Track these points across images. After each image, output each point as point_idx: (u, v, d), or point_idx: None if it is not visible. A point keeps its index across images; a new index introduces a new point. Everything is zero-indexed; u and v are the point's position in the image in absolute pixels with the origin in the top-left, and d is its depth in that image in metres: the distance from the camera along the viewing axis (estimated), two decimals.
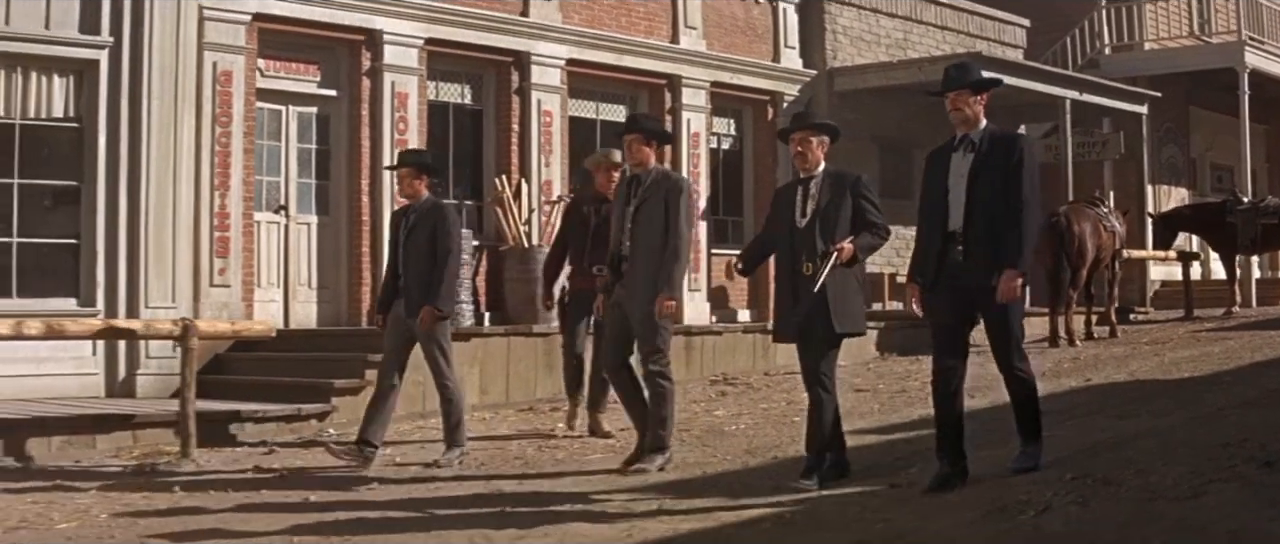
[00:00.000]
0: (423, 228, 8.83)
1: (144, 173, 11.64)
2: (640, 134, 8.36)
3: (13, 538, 7.04)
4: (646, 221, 8.13)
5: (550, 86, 14.54)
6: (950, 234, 6.94)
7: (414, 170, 9.03)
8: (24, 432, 9.44)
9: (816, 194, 7.52)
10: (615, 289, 8.26)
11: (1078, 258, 15.39)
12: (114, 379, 11.53)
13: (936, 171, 7.11)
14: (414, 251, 8.83)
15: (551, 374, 12.06)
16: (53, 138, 11.62)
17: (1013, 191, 6.81)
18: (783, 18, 16.86)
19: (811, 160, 7.59)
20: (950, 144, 7.09)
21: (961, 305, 6.97)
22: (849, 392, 12.25)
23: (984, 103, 7.06)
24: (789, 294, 7.59)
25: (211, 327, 10.04)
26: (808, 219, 7.50)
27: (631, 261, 8.15)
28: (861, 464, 8.18)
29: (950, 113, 7.06)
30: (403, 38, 13.41)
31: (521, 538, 6.53)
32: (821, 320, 7.41)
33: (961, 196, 6.90)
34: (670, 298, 8.13)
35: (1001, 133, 7.10)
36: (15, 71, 11.36)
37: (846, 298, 7.51)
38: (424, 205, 8.98)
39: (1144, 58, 21.04)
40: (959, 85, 7.03)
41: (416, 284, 8.78)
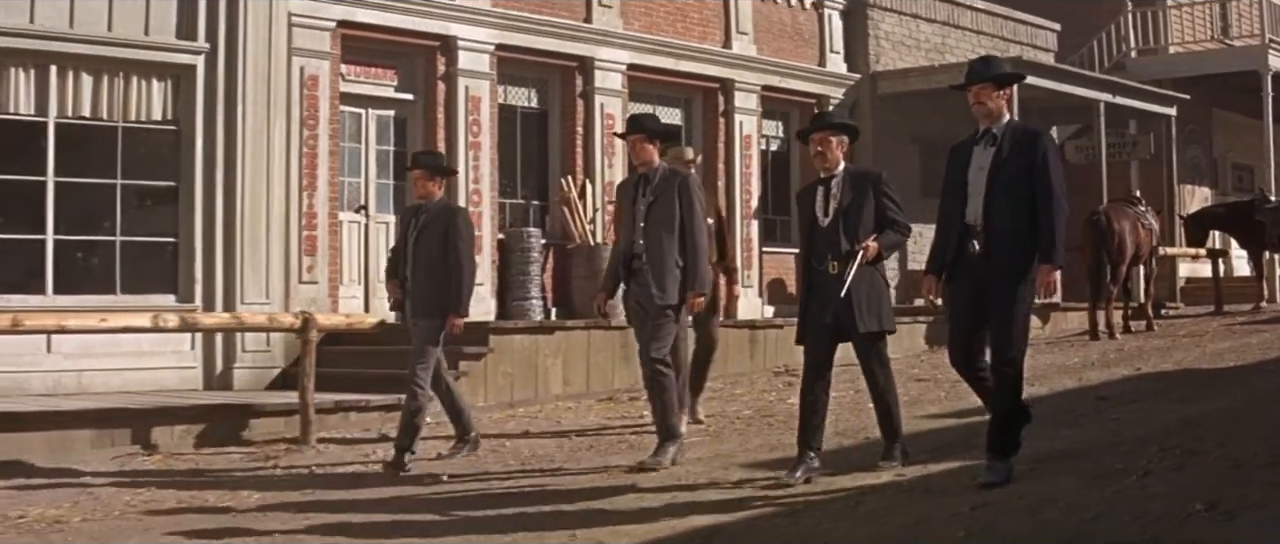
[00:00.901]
0: (434, 229, 8.84)
1: (239, 174, 12.15)
2: (644, 134, 8.41)
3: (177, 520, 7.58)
4: (658, 219, 8.22)
5: (612, 90, 15.07)
6: (968, 226, 6.96)
7: (428, 172, 9.05)
8: (151, 421, 9.96)
9: (838, 193, 7.56)
10: (632, 287, 8.32)
11: (1118, 255, 15.90)
12: (211, 372, 12.03)
13: (957, 165, 7.14)
14: (423, 252, 8.84)
15: (628, 366, 12.57)
16: (152, 140, 12.12)
17: (1043, 190, 6.82)
18: (828, 23, 17.41)
19: (831, 160, 7.63)
20: (972, 138, 7.13)
21: (980, 298, 6.98)
22: (911, 382, 12.78)
23: (1006, 97, 7.13)
24: (812, 293, 7.62)
25: (329, 320, 10.55)
26: (830, 218, 7.55)
27: (647, 260, 8.21)
28: (943, 442, 8.73)
29: (973, 106, 7.10)
30: (476, 44, 13.94)
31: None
32: (849, 320, 7.46)
33: (981, 189, 6.92)
34: (700, 294, 8.27)
35: (1024, 127, 7.15)
36: (117, 76, 11.88)
37: (873, 296, 7.55)
38: (436, 206, 9.00)
39: (1169, 61, 21.60)
40: (982, 79, 7.07)
41: (424, 284, 8.80)
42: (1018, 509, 6.40)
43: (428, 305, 8.79)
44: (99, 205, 11.80)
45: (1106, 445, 8.25)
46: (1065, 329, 17.50)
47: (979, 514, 6.28)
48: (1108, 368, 13.34)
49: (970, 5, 19.04)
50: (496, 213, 14.17)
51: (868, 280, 7.49)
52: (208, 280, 12.07)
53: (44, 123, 11.53)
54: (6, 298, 11.17)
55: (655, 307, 8.16)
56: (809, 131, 7.82)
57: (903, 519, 6.39)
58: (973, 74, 7.11)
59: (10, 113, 11.41)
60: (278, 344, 12.24)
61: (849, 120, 8.23)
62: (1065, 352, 15.05)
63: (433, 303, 8.77)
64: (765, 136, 16.98)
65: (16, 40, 11.30)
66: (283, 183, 12.41)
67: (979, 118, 7.09)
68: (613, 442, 9.92)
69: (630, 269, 8.30)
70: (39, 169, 11.45)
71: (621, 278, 8.41)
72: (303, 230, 12.62)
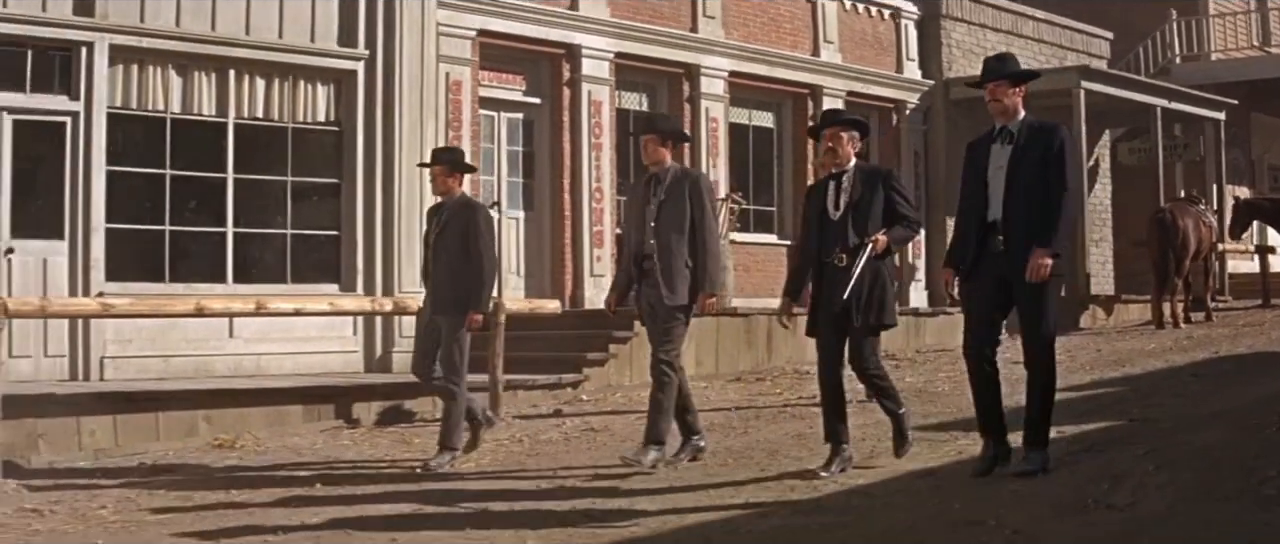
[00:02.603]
0: (454, 226, 8.84)
1: (396, 172, 13.08)
2: (657, 134, 8.40)
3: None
4: (668, 219, 8.18)
5: (716, 95, 16.05)
6: (990, 224, 6.99)
7: (447, 168, 9.03)
8: (350, 397, 10.94)
9: (849, 188, 7.60)
10: (642, 288, 8.32)
11: (1182, 249, 16.96)
12: (372, 356, 12.96)
13: (976, 163, 7.15)
14: (445, 250, 8.83)
15: (751, 350, 13.60)
16: (317, 140, 13.06)
17: (1056, 179, 6.87)
18: (905, 33, 18.41)
19: (842, 155, 7.69)
20: (990, 135, 7.15)
21: (999, 294, 7.02)
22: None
23: (1021, 94, 7.11)
24: (820, 286, 7.65)
25: (517, 304, 11.48)
26: (840, 212, 7.59)
27: (657, 260, 8.18)
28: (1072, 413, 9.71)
29: (989, 104, 7.14)
30: (597, 52, 14.91)
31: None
32: (854, 313, 7.51)
33: (1001, 187, 6.95)
34: (711, 295, 8.27)
35: (1040, 124, 7.11)
36: (287, 80, 12.81)
37: (877, 290, 7.58)
38: (456, 204, 8.97)
39: (1210, 67, 22.69)
40: (997, 76, 7.09)
41: (446, 282, 8.78)
42: (1192, 452, 7.42)
43: (449, 303, 8.76)
44: (271, 200, 12.74)
45: (1228, 409, 9.26)
46: (1127, 320, 18.53)
47: (1174, 454, 7.30)
48: (1187, 352, 14.36)
49: (1031, 15, 20.06)
50: (615, 210, 15.14)
51: (873, 274, 7.54)
52: (368, 270, 13.00)
53: (224, 123, 12.47)
54: (193, 286, 12.10)
55: (665, 307, 8.17)
56: (820, 128, 7.92)
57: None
58: (988, 72, 7.17)
59: (195, 114, 12.34)
60: None
61: (859, 117, 8.21)
62: (1139, 339, 16.06)
63: (455, 300, 8.74)
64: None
65: (200, 46, 12.23)
66: None
67: (995, 115, 7.14)
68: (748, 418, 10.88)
69: (641, 270, 8.29)
70: (220, 167, 12.37)
71: (633, 278, 8.40)
72: None
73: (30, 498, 7.93)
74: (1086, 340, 16.12)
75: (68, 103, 11.60)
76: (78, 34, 11.57)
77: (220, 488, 8.15)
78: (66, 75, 11.62)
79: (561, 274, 14.62)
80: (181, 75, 12.23)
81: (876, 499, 7.06)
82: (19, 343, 11.11)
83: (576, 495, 7.56)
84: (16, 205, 11.38)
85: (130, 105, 11.98)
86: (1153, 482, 6.70)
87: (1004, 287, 6.97)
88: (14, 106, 11.40)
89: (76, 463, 9.29)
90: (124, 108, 11.92)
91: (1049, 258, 6.80)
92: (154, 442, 9.88)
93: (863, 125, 7.99)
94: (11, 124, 11.39)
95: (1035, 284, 6.86)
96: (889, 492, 7.25)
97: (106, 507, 7.65)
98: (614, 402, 11.85)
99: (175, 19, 12.10)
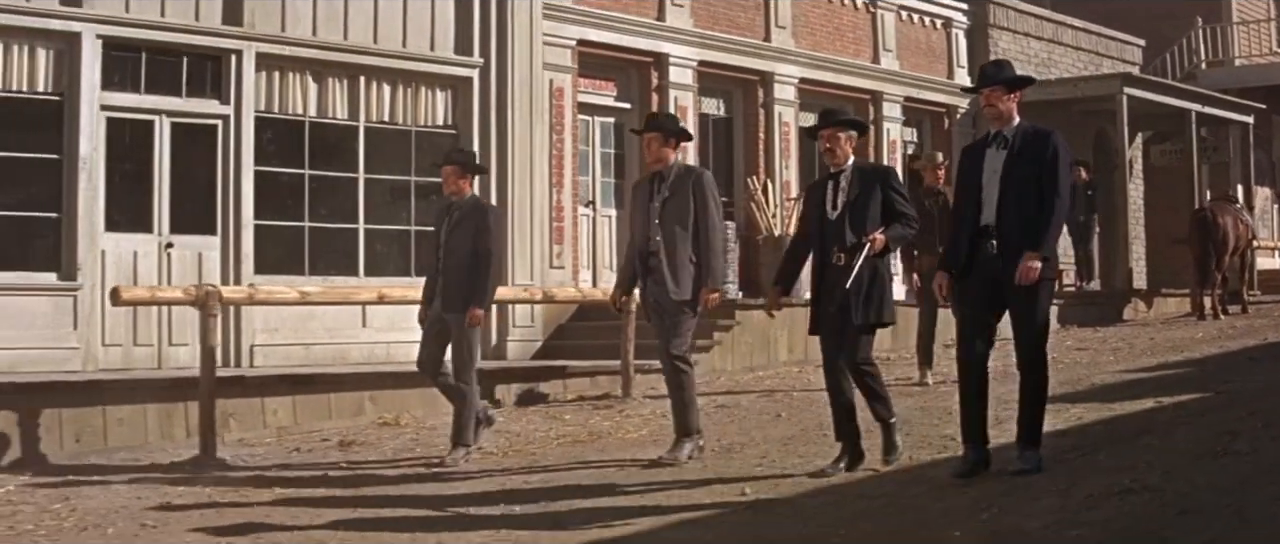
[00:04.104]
0: (465, 226, 8.95)
1: (509, 173, 14.00)
2: (660, 132, 8.44)
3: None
4: (673, 216, 8.27)
5: (788, 101, 17.01)
6: (983, 228, 7.01)
7: (459, 168, 9.16)
8: (493, 380, 11.83)
9: (847, 187, 7.64)
10: (648, 284, 8.38)
11: (1222, 246, 18.01)
12: (487, 344, 13.84)
13: (971, 167, 7.16)
14: (454, 249, 8.94)
15: None
16: (436, 142, 13.93)
17: (1048, 184, 6.88)
18: (955, 41, 19.44)
19: (841, 155, 7.72)
20: (984, 140, 7.21)
21: (992, 297, 7.03)
22: (1073, 351, 14.82)
23: (1017, 100, 7.14)
24: (820, 285, 7.68)
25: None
26: (838, 211, 7.62)
27: (662, 257, 8.27)
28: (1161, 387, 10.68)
29: (984, 108, 7.21)
30: (682, 60, 15.87)
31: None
32: (850, 311, 7.53)
33: (995, 191, 6.96)
34: (714, 291, 8.28)
35: (1035, 129, 7.12)
36: (410, 85, 13.74)
37: (875, 288, 7.58)
38: (467, 204, 9.10)
39: (1234, 72, 23.75)
40: (993, 82, 7.13)
41: (455, 281, 8.89)
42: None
43: (459, 302, 8.88)
44: (396, 199, 13.64)
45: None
46: (1165, 312, 19.56)
47: (1272, 415, 8.28)
48: (1237, 339, 15.39)
49: (1070, 25, 21.12)
50: None
51: (871, 273, 7.55)
52: None
53: (355, 126, 13.38)
54: (329, 278, 12.99)
55: (671, 303, 8.26)
56: (819, 127, 7.92)
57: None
58: (985, 78, 7.21)
59: (330, 118, 13.24)
60: (539, 319, 14.12)
61: (857, 116, 8.30)
62: (1185, 329, 17.07)
63: (465, 299, 8.87)
64: (906, 142, 18.96)
65: (334, 53, 13.14)
66: (541, 181, 14.29)
67: (990, 120, 7.19)
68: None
69: (646, 266, 8.38)
70: (352, 167, 13.27)
71: (637, 274, 8.48)
72: (552, 222, 14.50)
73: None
74: (1135, 330, 17.13)
75: (219, 106, 12.49)
76: (227, 42, 12.46)
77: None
78: (217, 81, 12.50)
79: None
80: (317, 82, 13.14)
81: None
82: (178, 332, 12.06)
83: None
84: (174, 203, 12.26)
85: (273, 109, 12.87)
86: (1265, 435, 7.70)
87: (997, 290, 6.99)
88: (171, 110, 12.28)
89: (263, 440, 10.22)
90: (267, 111, 12.81)
91: (1038, 261, 6.84)
92: (327, 420, 10.79)
93: (861, 125, 8.09)
94: (169, 126, 12.27)
95: (1026, 287, 6.89)
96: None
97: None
98: (723, 383, 12.77)
99: (312, 28, 13.00)
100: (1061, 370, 13.04)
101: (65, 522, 7.48)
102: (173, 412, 10.13)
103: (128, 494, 8.20)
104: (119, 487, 8.45)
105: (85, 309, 11.63)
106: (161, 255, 12.15)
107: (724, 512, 7.10)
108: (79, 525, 7.39)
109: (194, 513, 7.53)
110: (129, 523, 7.36)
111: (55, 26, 11.61)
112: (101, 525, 7.34)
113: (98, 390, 9.92)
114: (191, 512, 7.57)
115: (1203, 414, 9.08)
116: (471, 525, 7.03)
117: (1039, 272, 6.86)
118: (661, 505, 7.22)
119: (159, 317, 11.95)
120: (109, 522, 7.41)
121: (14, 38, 11.48)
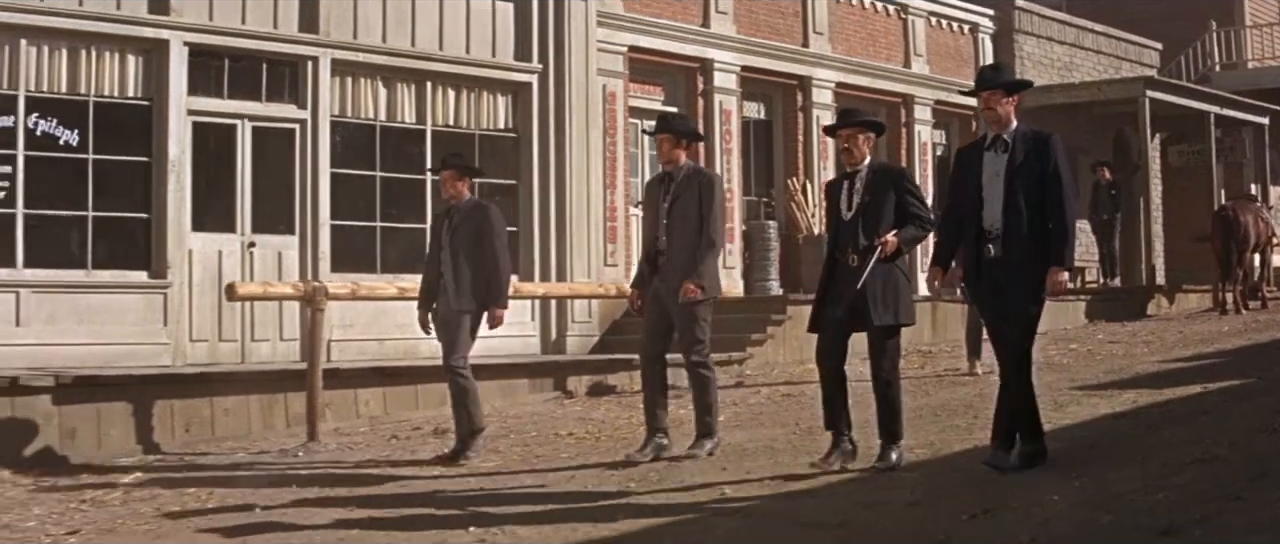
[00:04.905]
0: (466, 228, 9.06)
1: (567, 175, 14.56)
2: (671, 134, 8.54)
3: None
4: (681, 216, 8.32)
5: (825, 104, 17.56)
6: (985, 231, 7.03)
7: (456, 172, 9.24)
8: (565, 372, 12.49)
9: (862, 188, 7.64)
10: (654, 282, 8.46)
11: (1244, 243, 18.60)
12: (547, 339, 14.40)
13: (968, 170, 7.18)
14: (457, 251, 9.03)
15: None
16: (498, 145, 14.52)
17: (1053, 190, 6.91)
18: (981, 45, 20.03)
19: (858, 155, 7.73)
20: (981, 143, 7.21)
21: (1000, 303, 7.09)
22: (1106, 345, 15.40)
23: (1015, 104, 7.14)
24: (829, 285, 7.65)
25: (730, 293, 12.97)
26: (853, 212, 7.62)
27: (668, 255, 8.36)
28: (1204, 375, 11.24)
29: (983, 112, 7.19)
30: (726, 65, 16.45)
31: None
32: (865, 314, 7.47)
33: (997, 195, 6.98)
34: (698, 285, 8.21)
35: (1035, 133, 7.13)
36: (473, 91, 14.31)
37: (890, 289, 7.54)
38: (467, 206, 9.19)
39: (1247, 74, 24.34)
40: (992, 85, 7.12)
41: (459, 282, 8.98)
42: None
43: (469, 301, 9.02)
44: None
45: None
46: (1185, 308, 20.13)
47: None
48: (1263, 332, 15.98)
49: (1091, 29, 21.74)
50: (744, 209, 16.65)
51: (885, 274, 7.52)
52: (543, 262, 14.46)
53: (423, 130, 13.94)
54: (399, 276, 13.48)
55: (676, 306, 8.30)
56: (836, 127, 7.94)
57: None
58: (983, 81, 7.20)
59: (398, 121, 13.80)
60: (596, 314, 14.67)
61: (874, 118, 8.22)
62: (1209, 323, 17.61)
63: (469, 298, 9.02)
64: (936, 145, 19.55)
65: (402, 60, 13.70)
66: (597, 182, 14.85)
67: (988, 123, 7.20)
68: None
69: (655, 266, 8.48)
70: (419, 169, 13.80)
71: (648, 274, 8.56)
72: (607, 222, 15.06)
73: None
74: (1162, 325, 17.68)
75: (296, 111, 13.04)
76: (304, 49, 13.01)
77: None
78: (295, 86, 13.06)
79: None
80: (387, 87, 13.69)
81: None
82: (260, 328, 12.61)
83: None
84: (255, 204, 12.80)
85: (346, 114, 13.43)
86: None
87: (998, 291, 7.06)
88: (252, 114, 12.83)
89: (358, 429, 10.76)
90: (341, 116, 13.37)
91: (1064, 275, 6.96)
92: (414, 410, 11.34)
93: (879, 126, 8.09)
94: (251, 130, 12.82)
95: (1025, 290, 6.97)
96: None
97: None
98: (776, 375, 13.33)
99: (382, 35, 13.55)
100: (1100, 361, 13.65)
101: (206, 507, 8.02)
102: (273, 402, 10.68)
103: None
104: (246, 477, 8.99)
105: (174, 306, 12.18)
106: (244, 254, 12.69)
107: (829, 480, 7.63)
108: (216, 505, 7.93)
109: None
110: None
111: (145, 34, 12.16)
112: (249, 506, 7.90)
113: (206, 383, 10.46)
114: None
115: (1249, 397, 9.68)
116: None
117: (1064, 283, 6.97)
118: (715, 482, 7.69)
119: (242, 314, 12.50)
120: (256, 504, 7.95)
121: (106, 45, 12.03)
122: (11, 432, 9.51)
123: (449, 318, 9.07)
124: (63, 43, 11.82)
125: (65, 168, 11.85)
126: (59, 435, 9.69)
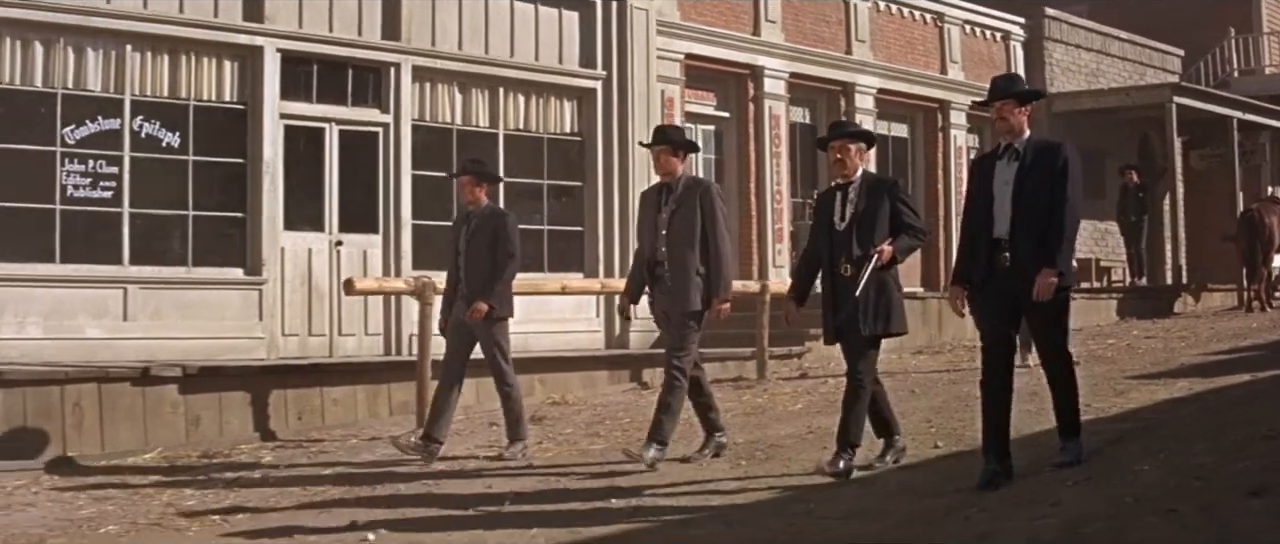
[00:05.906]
0: (483, 233, 9.16)
1: (630, 177, 15.21)
2: (669, 145, 8.58)
3: None
4: (680, 228, 8.40)
5: (866, 110, 18.24)
6: (996, 240, 7.04)
7: (474, 178, 9.36)
8: (641, 364, 13.16)
9: (855, 199, 7.72)
10: (656, 294, 8.56)
11: (1268, 244, 19.34)
12: (612, 334, 15.04)
13: (982, 179, 7.19)
14: (474, 256, 9.15)
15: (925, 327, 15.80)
16: (564, 148, 15.18)
17: (1058, 195, 6.90)
18: (1013, 52, 20.74)
19: (849, 166, 7.82)
20: (994, 152, 7.25)
21: (1009, 309, 7.10)
22: (1144, 340, 16.08)
23: (1027, 113, 7.19)
24: (830, 296, 7.80)
25: (777, 287, 13.57)
26: (846, 223, 7.70)
27: (668, 266, 8.42)
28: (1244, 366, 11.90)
29: (995, 121, 7.22)
30: (776, 72, 17.13)
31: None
32: (861, 321, 7.63)
33: (1007, 204, 7.00)
34: (725, 301, 8.37)
35: (1045, 141, 7.24)
36: (542, 96, 14.97)
37: (882, 299, 7.67)
38: (484, 211, 9.30)
39: (1265, 80, 25.01)
40: (1005, 95, 7.15)
41: (475, 287, 9.12)
42: None
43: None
44: (530, 201, 14.84)
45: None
46: (1209, 305, 20.83)
47: None
48: None
49: (1116, 36, 22.45)
50: (793, 210, 17.32)
51: (878, 284, 7.63)
52: (608, 260, 15.11)
53: (495, 134, 14.61)
54: None
55: (677, 313, 8.41)
56: (828, 139, 8.03)
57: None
58: (996, 91, 7.22)
59: (473, 125, 14.46)
60: None
61: (865, 128, 8.44)
62: (1236, 320, 18.33)
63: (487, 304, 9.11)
64: (970, 148, 20.24)
65: (476, 66, 14.37)
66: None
67: (1000, 133, 7.24)
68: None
69: (653, 276, 8.53)
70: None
71: (646, 285, 8.64)
72: None
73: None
74: (1192, 322, 18.38)
75: (379, 115, 13.70)
76: (387, 56, 13.68)
77: None
78: (378, 91, 13.71)
79: (748, 265, 16.77)
80: (463, 93, 14.36)
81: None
82: (346, 322, 13.25)
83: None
84: (341, 204, 13.44)
85: (425, 118, 14.08)
86: None
87: (1014, 304, 7.07)
88: (338, 118, 13.48)
89: (454, 419, 11.33)
90: (420, 120, 14.02)
91: (1054, 277, 6.93)
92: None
93: (869, 137, 8.26)
94: (338, 133, 13.47)
95: (1043, 301, 6.99)
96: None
97: None
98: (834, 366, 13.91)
99: (459, 43, 14.22)
100: (1143, 355, 14.35)
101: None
102: (377, 392, 11.33)
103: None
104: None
105: (269, 302, 12.82)
106: (332, 252, 13.33)
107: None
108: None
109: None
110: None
111: (241, 41, 12.80)
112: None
113: (317, 374, 11.12)
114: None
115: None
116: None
117: (1056, 287, 6.96)
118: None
119: (330, 310, 13.15)
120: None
121: (204, 52, 12.68)
122: (145, 418, 10.16)
123: (462, 328, 9.25)
124: (165, 49, 12.45)
125: (167, 169, 12.49)
126: (184, 424, 10.34)
